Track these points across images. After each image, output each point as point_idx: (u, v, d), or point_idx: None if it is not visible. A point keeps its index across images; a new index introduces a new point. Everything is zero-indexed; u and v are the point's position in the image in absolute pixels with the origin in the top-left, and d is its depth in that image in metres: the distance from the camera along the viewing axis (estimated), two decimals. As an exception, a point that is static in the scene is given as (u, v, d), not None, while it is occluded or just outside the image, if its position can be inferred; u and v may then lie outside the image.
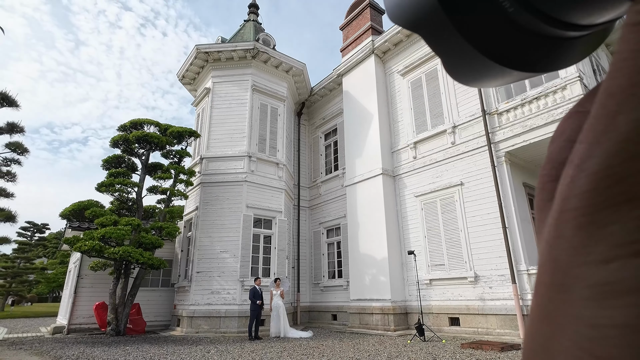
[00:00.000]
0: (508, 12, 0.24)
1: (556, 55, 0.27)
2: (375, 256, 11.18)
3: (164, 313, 12.98)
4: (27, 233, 37.41)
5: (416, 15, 0.26)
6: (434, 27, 0.26)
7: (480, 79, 0.29)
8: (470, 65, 0.27)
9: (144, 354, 7.05)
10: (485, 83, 0.30)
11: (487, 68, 0.27)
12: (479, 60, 0.26)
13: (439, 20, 0.25)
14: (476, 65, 0.27)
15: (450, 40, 0.26)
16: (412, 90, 12.11)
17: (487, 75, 0.28)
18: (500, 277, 8.84)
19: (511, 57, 0.26)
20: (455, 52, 0.27)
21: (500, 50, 0.25)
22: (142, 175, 12.13)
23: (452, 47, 0.26)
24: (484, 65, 0.26)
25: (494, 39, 0.25)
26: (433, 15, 0.25)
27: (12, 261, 30.43)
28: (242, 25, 17.26)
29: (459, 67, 0.28)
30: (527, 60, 0.26)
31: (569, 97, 8.45)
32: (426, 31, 0.26)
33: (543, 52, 0.26)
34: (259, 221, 12.50)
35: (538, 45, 0.26)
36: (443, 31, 0.25)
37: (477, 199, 9.66)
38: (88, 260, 11.86)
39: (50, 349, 7.99)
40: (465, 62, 0.27)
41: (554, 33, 0.25)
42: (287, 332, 9.90)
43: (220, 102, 13.55)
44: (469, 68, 0.28)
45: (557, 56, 0.27)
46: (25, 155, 14.60)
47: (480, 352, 6.68)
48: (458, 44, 0.26)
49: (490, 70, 0.27)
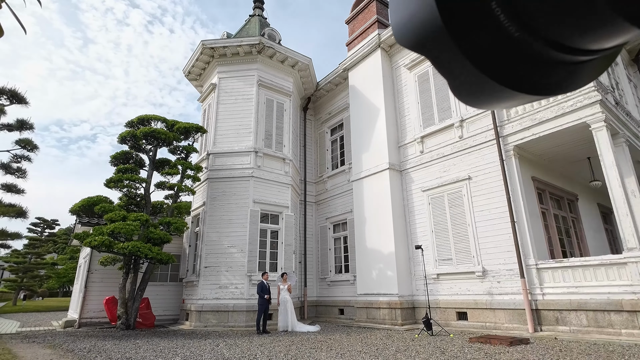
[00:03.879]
0: (514, 37, 0.23)
1: (565, 79, 0.26)
2: (382, 251, 11.17)
3: (172, 307, 13.13)
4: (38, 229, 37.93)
5: (422, 37, 0.26)
6: (439, 49, 0.25)
7: (488, 102, 0.29)
8: (478, 89, 0.27)
9: (154, 347, 7.14)
10: (493, 105, 0.30)
11: (494, 91, 0.26)
12: (486, 84, 0.26)
13: (445, 43, 0.25)
14: (484, 88, 0.26)
15: (456, 62, 0.25)
16: (419, 84, 12.01)
17: (494, 99, 0.28)
18: (509, 271, 8.79)
19: (518, 81, 0.25)
20: (461, 74, 0.26)
21: (508, 74, 0.25)
22: (150, 171, 12.21)
23: (458, 69, 0.26)
24: (491, 89, 0.26)
25: (500, 63, 0.25)
26: (439, 38, 0.25)
27: (24, 256, 30.92)
28: (248, 20, 17.21)
29: (465, 89, 0.28)
30: (535, 84, 0.26)
31: (580, 90, 8.31)
32: (433, 54, 0.26)
33: (552, 76, 0.26)
34: (266, 216, 12.55)
35: (546, 69, 0.25)
36: (449, 54, 0.25)
37: (485, 193, 9.59)
38: (98, 255, 12.02)
39: (63, 342, 8.12)
40: (471, 84, 0.27)
41: (562, 58, 0.25)
42: (295, 326, 9.95)
43: (226, 98, 13.55)
44: (477, 91, 0.27)
45: (566, 79, 0.26)
46: (35, 152, 14.77)
47: (489, 346, 6.66)
48: (464, 66, 0.25)
49: (498, 94, 0.27)
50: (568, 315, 7.75)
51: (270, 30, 15.25)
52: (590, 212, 12.47)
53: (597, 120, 7.99)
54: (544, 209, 10.16)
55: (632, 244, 7.20)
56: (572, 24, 0.21)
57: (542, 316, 8.12)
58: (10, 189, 15.06)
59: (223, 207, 12.19)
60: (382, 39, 12.95)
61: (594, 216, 12.60)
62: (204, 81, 15.13)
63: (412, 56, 12.36)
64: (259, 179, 12.55)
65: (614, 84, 10.63)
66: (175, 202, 12.40)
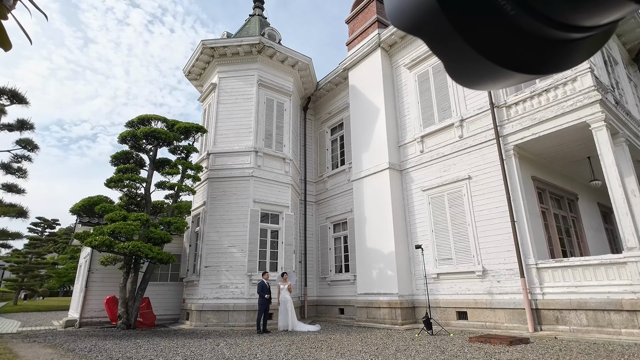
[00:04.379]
0: (509, 15, 0.24)
1: (560, 57, 0.27)
2: (382, 250, 11.18)
3: (173, 307, 13.14)
4: (38, 229, 37.97)
5: (418, 19, 0.26)
6: (435, 31, 0.25)
7: (484, 82, 0.29)
8: (473, 69, 0.27)
9: (154, 347, 7.16)
10: (488, 86, 0.30)
11: (490, 71, 0.27)
12: (481, 64, 0.26)
13: (441, 24, 0.25)
14: (479, 68, 0.27)
15: (453, 44, 0.25)
16: (419, 84, 12.01)
17: (490, 78, 0.28)
18: (509, 271, 8.80)
19: (514, 60, 0.25)
20: (457, 55, 0.26)
21: (503, 53, 0.25)
22: (150, 171, 12.22)
23: (455, 50, 0.26)
24: (486, 69, 0.26)
25: (496, 42, 0.25)
26: (435, 20, 0.25)
27: (24, 256, 30.94)
28: (248, 20, 17.20)
29: (462, 70, 0.28)
30: (530, 62, 0.26)
31: (580, 89, 8.31)
32: (428, 35, 0.26)
33: (547, 54, 0.26)
34: (266, 216, 12.56)
35: (541, 47, 0.25)
36: (445, 35, 0.25)
37: (485, 192, 9.59)
38: (98, 255, 12.04)
39: (63, 341, 8.14)
40: (468, 65, 0.27)
41: (557, 35, 0.25)
42: (295, 325, 9.97)
43: (227, 98, 13.56)
44: (472, 71, 0.27)
45: (561, 57, 0.27)
46: (35, 152, 14.78)
47: (489, 345, 6.67)
48: (460, 47, 0.25)
49: (494, 73, 0.27)
50: (568, 314, 7.76)
51: (270, 30, 15.26)
52: (590, 211, 12.47)
53: (597, 119, 7.99)
54: (544, 209, 10.17)
55: (632, 243, 7.20)
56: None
57: (542, 316, 8.13)
58: (10, 188, 15.07)
59: (223, 206, 12.20)
60: (382, 38, 12.94)
61: (594, 216, 12.60)
62: (204, 81, 15.13)
63: (412, 55, 12.36)
64: (259, 178, 12.56)
65: (614, 83, 10.62)
66: (175, 202, 12.41)
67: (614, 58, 11.52)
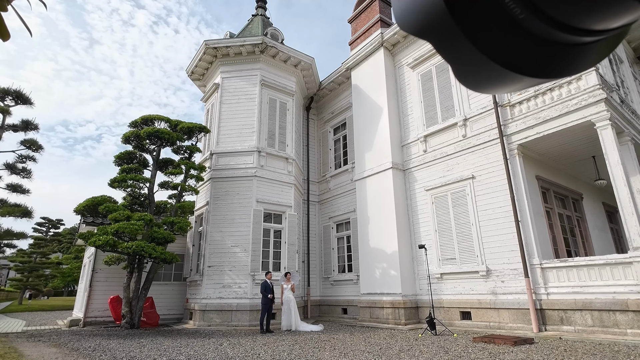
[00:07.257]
0: (519, 19, 0.23)
1: (570, 60, 0.26)
2: (385, 250, 11.16)
3: (176, 306, 13.17)
4: (43, 229, 38.23)
5: (425, 22, 0.25)
6: (443, 34, 0.25)
7: (493, 85, 0.28)
8: (482, 72, 0.26)
9: (158, 346, 7.17)
10: (497, 89, 0.29)
11: (499, 75, 0.26)
12: (490, 67, 0.25)
13: (449, 27, 0.24)
14: (487, 72, 0.26)
15: (461, 47, 0.25)
16: (422, 83, 11.97)
17: (499, 82, 0.27)
18: (513, 271, 8.75)
19: (524, 64, 0.25)
20: (465, 59, 0.26)
21: (512, 57, 0.25)
22: (154, 171, 12.25)
23: (463, 54, 0.26)
24: (495, 72, 0.26)
25: (505, 46, 0.24)
26: (442, 23, 0.24)
27: (29, 256, 31.17)
28: (250, 20, 17.22)
29: (469, 74, 0.28)
30: (540, 66, 0.25)
31: (584, 88, 8.25)
32: (436, 39, 0.26)
33: (556, 58, 0.25)
34: (269, 216, 12.56)
35: (551, 51, 0.25)
36: (453, 39, 0.25)
37: (489, 192, 9.54)
38: (102, 254, 12.09)
39: (68, 341, 8.18)
40: (476, 69, 0.26)
41: (567, 39, 0.25)
42: (299, 325, 9.97)
43: (229, 98, 13.58)
44: (481, 75, 0.27)
45: (571, 61, 0.26)
46: (40, 152, 14.89)
47: (493, 346, 6.63)
48: (469, 51, 0.25)
49: (502, 77, 0.26)
50: (573, 315, 7.71)
51: (272, 30, 15.26)
52: (595, 211, 12.38)
53: (602, 118, 7.93)
54: (548, 208, 10.10)
55: (638, 243, 7.14)
56: (578, 2, 0.21)
57: (547, 316, 8.08)
58: (15, 189, 15.18)
59: (226, 206, 12.21)
60: (385, 37, 12.91)
61: (599, 215, 12.51)
62: (207, 81, 15.16)
63: (415, 55, 12.33)
64: (262, 178, 12.56)
65: (619, 82, 10.54)
66: (178, 202, 12.44)
67: (619, 56, 11.43)
